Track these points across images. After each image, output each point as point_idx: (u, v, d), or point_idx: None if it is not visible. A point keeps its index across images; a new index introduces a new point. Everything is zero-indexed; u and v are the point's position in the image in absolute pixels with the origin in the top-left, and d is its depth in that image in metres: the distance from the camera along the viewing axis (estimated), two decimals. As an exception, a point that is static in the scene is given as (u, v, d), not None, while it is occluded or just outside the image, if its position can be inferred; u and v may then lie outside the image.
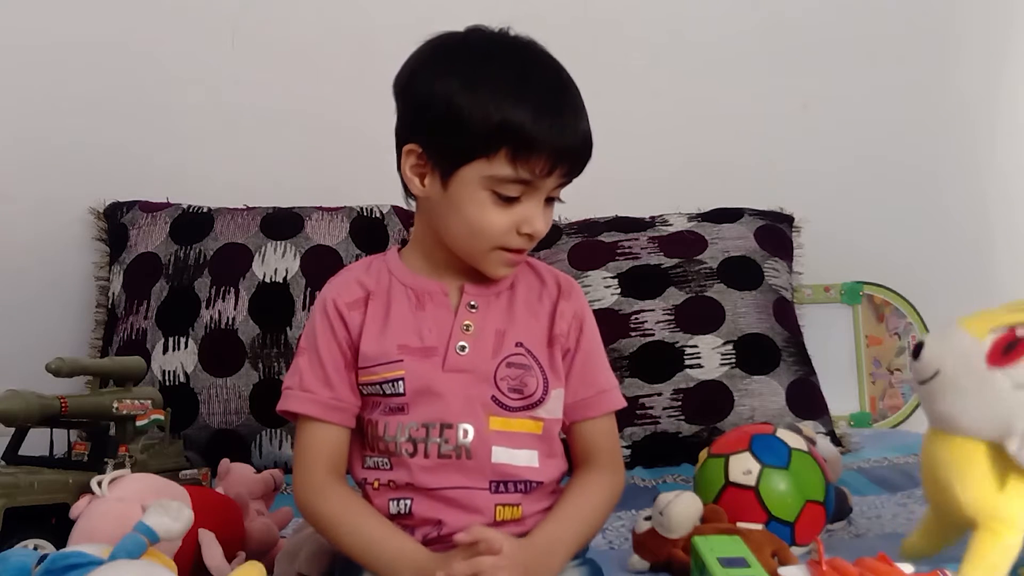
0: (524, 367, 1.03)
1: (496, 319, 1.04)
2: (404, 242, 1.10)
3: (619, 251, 2.07)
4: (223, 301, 1.94)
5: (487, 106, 0.95)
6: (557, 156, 0.97)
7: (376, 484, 1.02)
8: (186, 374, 1.88)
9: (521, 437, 1.02)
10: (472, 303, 1.04)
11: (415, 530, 1.00)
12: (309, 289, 1.95)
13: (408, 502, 1.00)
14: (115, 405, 1.34)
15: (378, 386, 1.02)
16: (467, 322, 1.03)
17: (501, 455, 1.00)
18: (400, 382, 1.01)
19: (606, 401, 1.09)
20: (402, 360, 1.01)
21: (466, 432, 1.00)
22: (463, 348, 1.02)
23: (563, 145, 0.97)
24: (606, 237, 2.11)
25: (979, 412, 1.00)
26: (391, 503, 1.01)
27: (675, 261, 2.04)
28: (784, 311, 2.04)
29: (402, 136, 1.03)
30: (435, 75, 0.99)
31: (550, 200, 1.02)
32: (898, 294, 2.36)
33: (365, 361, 1.02)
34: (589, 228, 2.15)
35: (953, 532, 1.10)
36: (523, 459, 1.02)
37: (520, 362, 1.03)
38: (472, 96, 0.96)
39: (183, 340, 1.91)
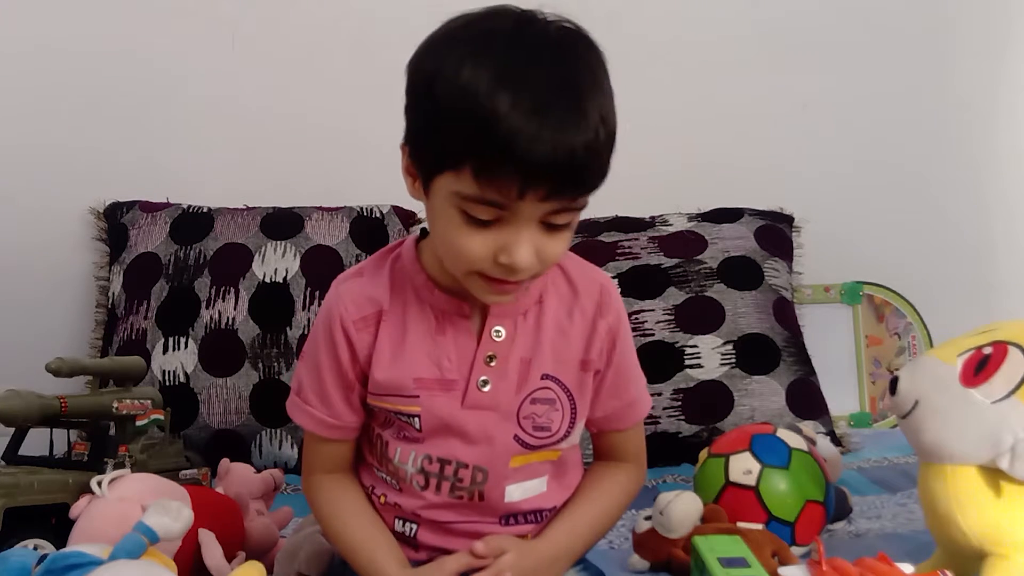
0: (550, 402, 0.96)
1: (522, 346, 0.95)
2: (424, 232, 0.96)
3: (619, 251, 2.07)
4: (223, 301, 1.94)
5: (458, 103, 0.79)
6: (530, 176, 0.79)
7: (383, 500, 0.99)
8: (186, 374, 1.88)
9: (536, 467, 0.98)
10: (497, 329, 0.94)
11: (420, 549, 0.98)
12: (309, 289, 1.95)
13: (414, 527, 0.98)
14: (115, 405, 1.35)
15: (391, 413, 0.96)
16: (490, 353, 0.94)
17: (514, 493, 0.97)
18: (416, 419, 0.94)
19: (635, 413, 1.04)
20: (418, 396, 0.93)
21: (483, 475, 0.95)
22: (485, 383, 0.94)
23: (540, 161, 0.78)
24: (606, 237, 2.11)
25: (964, 434, 1.00)
26: (397, 521, 0.99)
27: (675, 261, 2.04)
28: (784, 311, 2.04)
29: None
30: (426, 56, 0.86)
31: (554, 227, 0.84)
32: (898, 294, 2.36)
33: (376, 388, 0.95)
34: (589, 228, 2.14)
35: (966, 567, 1.05)
36: (534, 488, 0.98)
37: (546, 397, 0.96)
38: (448, 86, 0.80)
39: (183, 340, 1.91)
